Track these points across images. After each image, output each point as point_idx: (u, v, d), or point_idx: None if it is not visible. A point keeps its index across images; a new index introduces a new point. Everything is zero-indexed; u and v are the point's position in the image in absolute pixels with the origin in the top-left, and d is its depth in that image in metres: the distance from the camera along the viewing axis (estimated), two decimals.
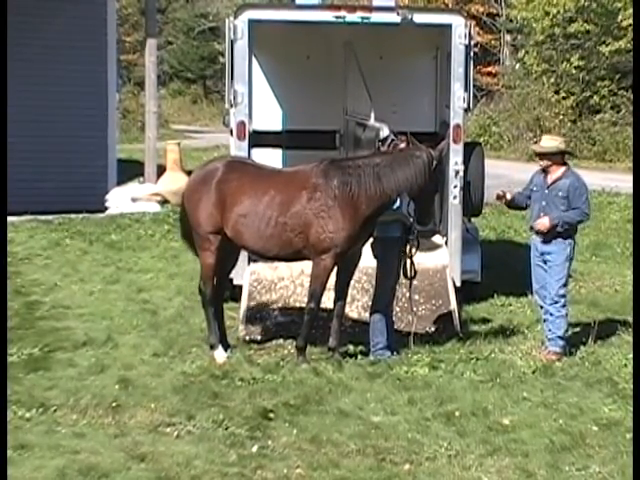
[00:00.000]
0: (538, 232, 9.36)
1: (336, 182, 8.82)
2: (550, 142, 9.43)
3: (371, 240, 9.18)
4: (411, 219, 9.10)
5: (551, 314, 9.35)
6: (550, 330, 9.35)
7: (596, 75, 32.28)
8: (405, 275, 9.29)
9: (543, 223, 9.25)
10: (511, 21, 38.23)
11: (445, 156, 9.53)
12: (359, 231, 8.86)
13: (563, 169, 9.38)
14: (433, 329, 10.05)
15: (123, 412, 7.58)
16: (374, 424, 7.46)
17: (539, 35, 32.54)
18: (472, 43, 10.81)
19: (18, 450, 6.75)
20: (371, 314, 9.28)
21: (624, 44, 30.11)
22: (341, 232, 8.76)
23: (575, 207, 9.27)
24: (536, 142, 10.03)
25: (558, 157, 9.39)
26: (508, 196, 9.67)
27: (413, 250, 9.22)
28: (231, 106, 10.88)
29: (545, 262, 9.37)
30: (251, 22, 10.74)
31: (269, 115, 12.79)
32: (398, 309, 9.90)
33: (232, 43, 10.69)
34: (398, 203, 9.11)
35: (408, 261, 9.24)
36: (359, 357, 9.15)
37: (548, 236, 9.30)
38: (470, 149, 11.50)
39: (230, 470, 6.58)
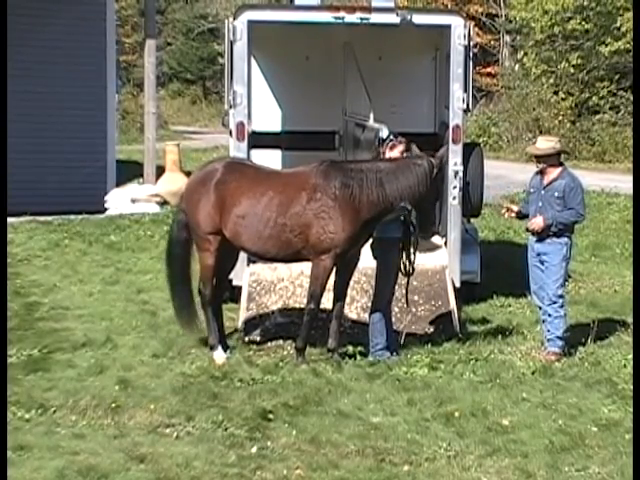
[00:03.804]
0: (533, 232, 9.39)
1: (337, 183, 8.81)
2: (546, 143, 9.44)
3: (371, 241, 9.18)
4: (412, 226, 9.11)
5: (549, 315, 9.36)
6: (549, 331, 9.36)
7: (595, 76, 32.25)
8: (404, 273, 9.29)
9: (537, 223, 9.28)
10: (510, 22, 38.23)
11: (445, 162, 9.54)
12: (359, 232, 8.86)
13: (559, 170, 9.40)
14: (432, 330, 10.06)
15: (122, 413, 7.58)
16: (373, 425, 7.46)
17: (538, 34, 32.53)
18: (471, 44, 10.82)
19: (17, 451, 6.75)
20: (370, 315, 9.28)
21: (623, 44, 30.10)
22: (341, 233, 8.76)
23: (570, 207, 9.29)
24: (532, 144, 10.05)
25: (554, 158, 9.41)
26: (515, 208, 9.71)
27: (412, 249, 9.22)
28: (230, 107, 10.89)
29: (542, 262, 9.39)
30: (250, 23, 10.75)
31: (268, 116, 12.80)
32: (397, 310, 9.91)
33: (231, 44, 10.70)
34: None
35: (407, 259, 9.23)
36: (358, 358, 9.15)
37: (542, 236, 9.32)
38: (469, 150, 11.50)
39: (230, 471, 6.58)
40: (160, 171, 19.41)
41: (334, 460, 6.80)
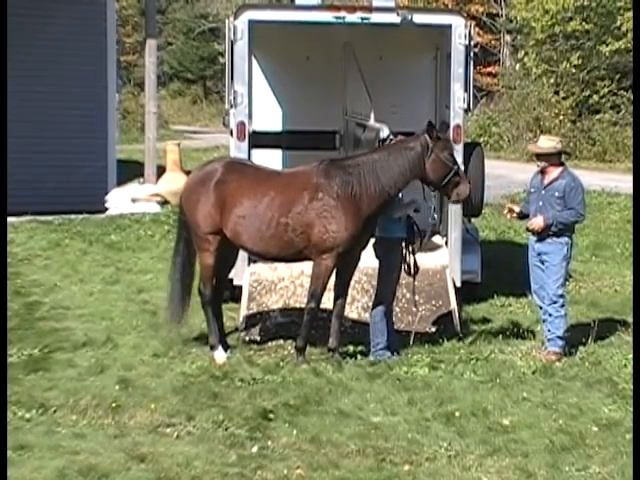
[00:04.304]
0: (533, 232, 9.39)
1: (338, 181, 8.82)
2: (547, 142, 9.44)
3: (373, 240, 9.18)
4: (415, 225, 9.14)
5: (550, 314, 9.36)
6: (549, 330, 9.36)
7: (596, 75, 32.26)
8: (408, 272, 9.28)
9: (537, 222, 9.28)
10: (511, 21, 38.24)
11: (446, 134, 9.47)
12: (361, 230, 8.87)
13: (560, 169, 9.40)
14: (433, 329, 10.05)
15: (123, 413, 7.58)
16: (374, 424, 7.46)
17: (539, 34, 32.54)
18: (472, 43, 10.82)
19: (18, 451, 6.75)
20: (372, 314, 9.28)
21: (624, 44, 30.11)
22: (344, 232, 8.76)
23: (570, 207, 9.29)
24: (534, 143, 10.06)
25: (555, 157, 9.40)
26: (516, 209, 9.72)
27: (416, 248, 9.21)
28: (231, 107, 10.88)
29: (542, 262, 9.38)
30: (251, 23, 10.74)
31: (269, 116, 12.78)
32: (398, 309, 9.91)
33: (232, 44, 10.69)
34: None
35: (411, 258, 9.23)
36: (359, 357, 9.16)
37: (542, 235, 9.32)
38: (470, 149, 11.49)
39: (230, 470, 6.58)
40: (161, 171, 19.42)
41: (335, 460, 6.80)
